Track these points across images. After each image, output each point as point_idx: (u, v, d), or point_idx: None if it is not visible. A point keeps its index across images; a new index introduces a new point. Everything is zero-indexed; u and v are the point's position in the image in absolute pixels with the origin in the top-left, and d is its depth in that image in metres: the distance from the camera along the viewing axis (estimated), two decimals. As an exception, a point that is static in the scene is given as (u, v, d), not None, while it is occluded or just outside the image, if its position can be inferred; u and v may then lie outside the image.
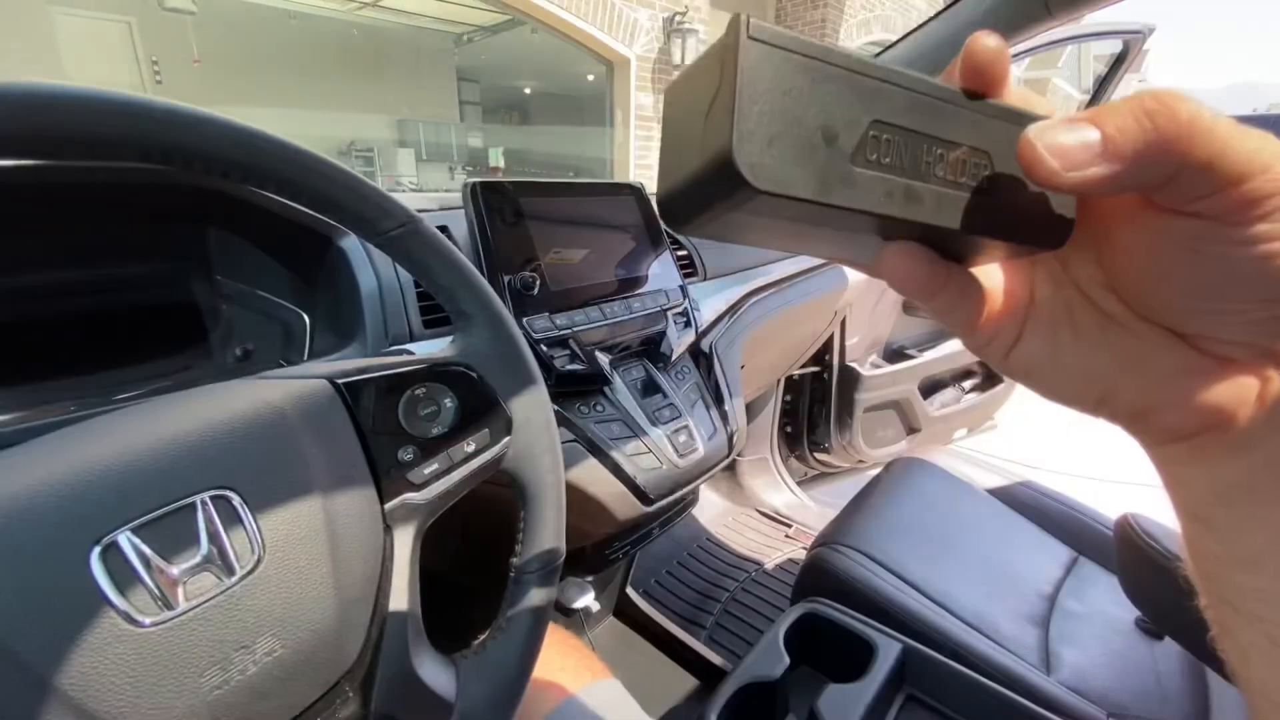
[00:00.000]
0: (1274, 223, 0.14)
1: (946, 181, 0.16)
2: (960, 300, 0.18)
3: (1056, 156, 0.15)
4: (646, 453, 0.68)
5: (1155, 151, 0.14)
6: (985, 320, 0.19)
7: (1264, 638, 0.17)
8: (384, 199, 0.35)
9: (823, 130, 0.14)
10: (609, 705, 0.54)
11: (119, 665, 0.25)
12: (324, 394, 0.34)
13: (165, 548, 0.27)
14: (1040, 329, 0.19)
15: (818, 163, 0.14)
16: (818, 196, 0.14)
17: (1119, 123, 0.14)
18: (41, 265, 0.51)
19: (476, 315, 0.39)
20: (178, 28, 4.70)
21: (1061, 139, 0.15)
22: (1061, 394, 0.19)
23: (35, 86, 0.24)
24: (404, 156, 6.64)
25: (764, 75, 0.13)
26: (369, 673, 0.33)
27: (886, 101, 0.15)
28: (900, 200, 0.15)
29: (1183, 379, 0.17)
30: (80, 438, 0.29)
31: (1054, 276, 0.19)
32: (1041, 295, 0.19)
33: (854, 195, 0.15)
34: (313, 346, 0.61)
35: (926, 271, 0.17)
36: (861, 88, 0.15)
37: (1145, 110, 0.14)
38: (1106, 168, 0.14)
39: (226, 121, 0.29)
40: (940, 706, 0.66)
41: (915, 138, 0.15)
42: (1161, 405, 0.18)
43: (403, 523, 0.36)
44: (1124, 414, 0.18)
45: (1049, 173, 0.15)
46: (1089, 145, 0.14)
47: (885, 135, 0.15)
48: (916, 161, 0.15)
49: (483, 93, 7.65)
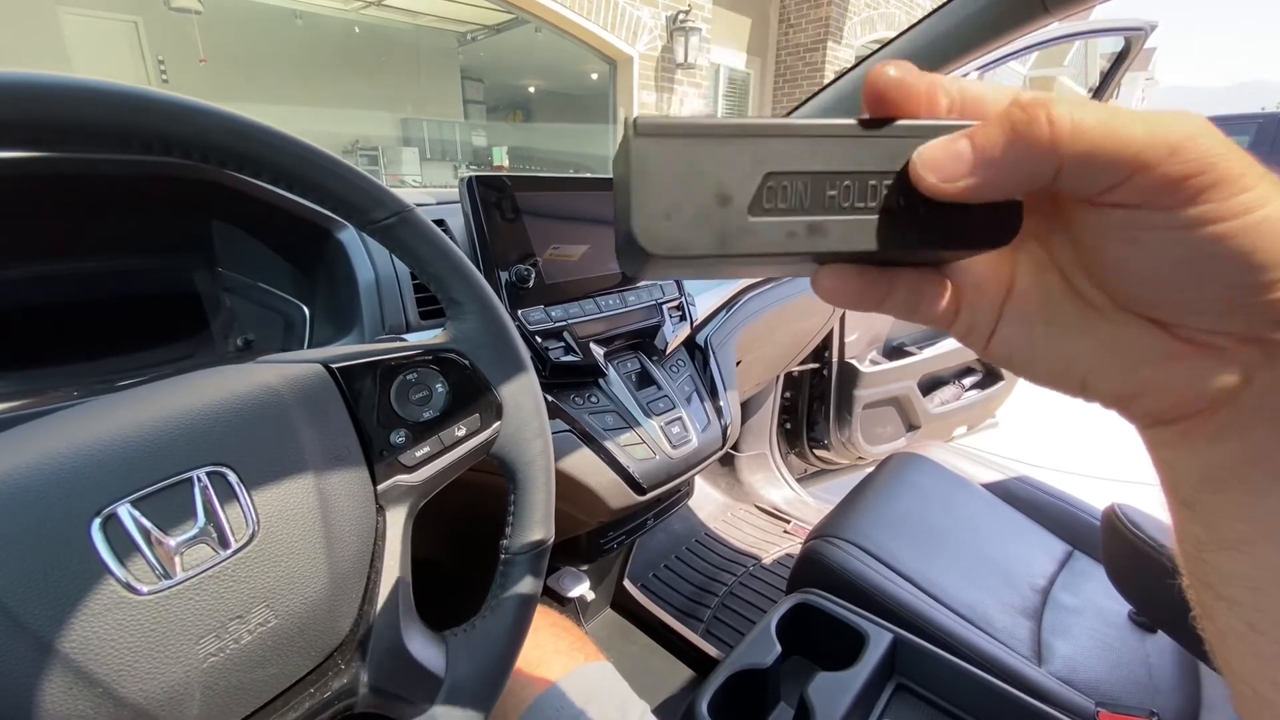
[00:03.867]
0: (1203, 205, 0.14)
1: (857, 209, 0.17)
2: (916, 300, 0.19)
3: (932, 170, 0.16)
4: (640, 443, 0.69)
5: (1021, 155, 0.15)
6: (957, 312, 0.19)
7: (1242, 623, 0.18)
8: (377, 189, 0.36)
9: (716, 194, 0.16)
10: (600, 686, 0.55)
11: (118, 631, 0.26)
12: (318, 377, 0.35)
13: (163, 520, 0.28)
14: (1018, 317, 0.19)
15: (714, 223, 0.16)
16: (715, 251, 0.16)
17: (987, 134, 0.15)
18: (48, 255, 0.52)
19: (467, 303, 0.40)
20: (184, 27, 4.73)
21: (936, 154, 0.16)
22: (1042, 378, 0.19)
23: (36, 77, 0.25)
24: (408, 155, 6.66)
25: (655, 162, 0.16)
26: (361, 646, 0.34)
27: (778, 154, 0.16)
28: (803, 237, 0.17)
29: (1163, 365, 0.17)
30: (83, 415, 0.30)
31: (1037, 262, 0.19)
32: (1022, 283, 0.19)
33: (754, 242, 0.16)
34: (312, 337, 0.63)
35: (858, 286, 0.18)
36: (752, 148, 0.16)
37: (1010, 120, 0.15)
38: (976, 177, 0.15)
39: (223, 112, 0.30)
40: (930, 695, 0.67)
41: (815, 178, 0.17)
42: (1142, 391, 0.18)
43: (395, 504, 0.37)
44: (1105, 398, 0.18)
45: (929, 186, 0.16)
46: (960, 157, 0.16)
47: (784, 183, 0.16)
48: (819, 198, 0.17)
49: (487, 91, 7.66)
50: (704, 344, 0.84)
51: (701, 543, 1.40)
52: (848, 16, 6.07)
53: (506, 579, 0.42)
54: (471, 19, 6.32)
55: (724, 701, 0.62)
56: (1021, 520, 0.97)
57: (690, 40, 5.02)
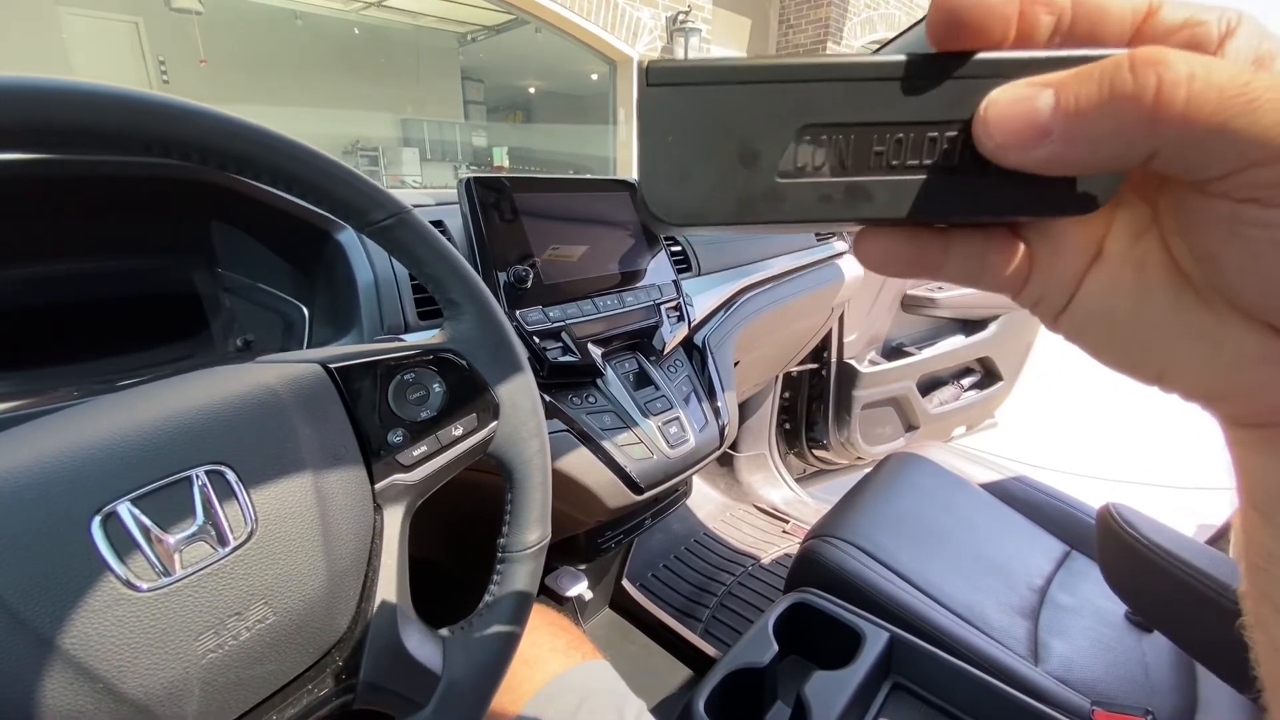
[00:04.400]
0: None
1: (909, 167, 0.14)
2: (979, 269, 0.16)
3: (998, 131, 0.13)
4: (637, 443, 0.69)
5: (1114, 129, 0.12)
6: (1028, 277, 0.16)
7: None
8: (375, 190, 0.36)
9: (741, 151, 0.14)
10: (597, 684, 0.55)
11: (118, 627, 0.26)
12: (316, 377, 0.36)
13: (163, 518, 0.28)
14: (1101, 289, 0.16)
15: (737, 186, 0.14)
16: (736, 219, 0.14)
17: (1078, 89, 0.12)
18: (49, 256, 0.52)
19: (465, 303, 0.40)
20: (184, 28, 4.75)
21: (1006, 109, 0.13)
22: (1114, 362, 0.16)
23: (39, 81, 0.25)
24: (408, 155, 6.68)
25: (668, 117, 0.14)
26: (358, 644, 0.35)
27: (817, 102, 0.14)
28: (841, 202, 0.14)
29: (1261, 368, 0.14)
30: (83, 415, 0.30)
31: (1136, 224, 0.15)
32: (1113, 248, 0.16)
33: (782, 209, 0.14)
34: (311, 338, 0.63)
35: (908, 252, 0.15)
36: (785, 96, 0.14)
37: (1112, 77, 0.12)
38: (1051, 147, 0.12)
39: (222, 115, 0.30)
40: (927, 694, 0.67)
41: (860, 130, 0.14)
42: (1230, 392, 0.15)
43: (392, 503, 0.37)
44: (1188, 393, 0.16)
45: (992, 150, 0.13)
46: (1034, 118, 0.12)
47: (822, 136, 0.14)
48: (863, 155, 0.14)
49: (487, 92, 7.67)
50: (702, 344, 0.85)
51: (700, 542, 1.40)
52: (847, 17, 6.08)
53: (504, 578, 0.42)
54: (472, 20, 6.33)
55: (721, 700, 0.63)
56: (1019, 520, 0.97)
57: (690, 41, 5.03)
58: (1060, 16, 0.13)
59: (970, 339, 1.74)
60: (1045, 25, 0.14)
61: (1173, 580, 0.56)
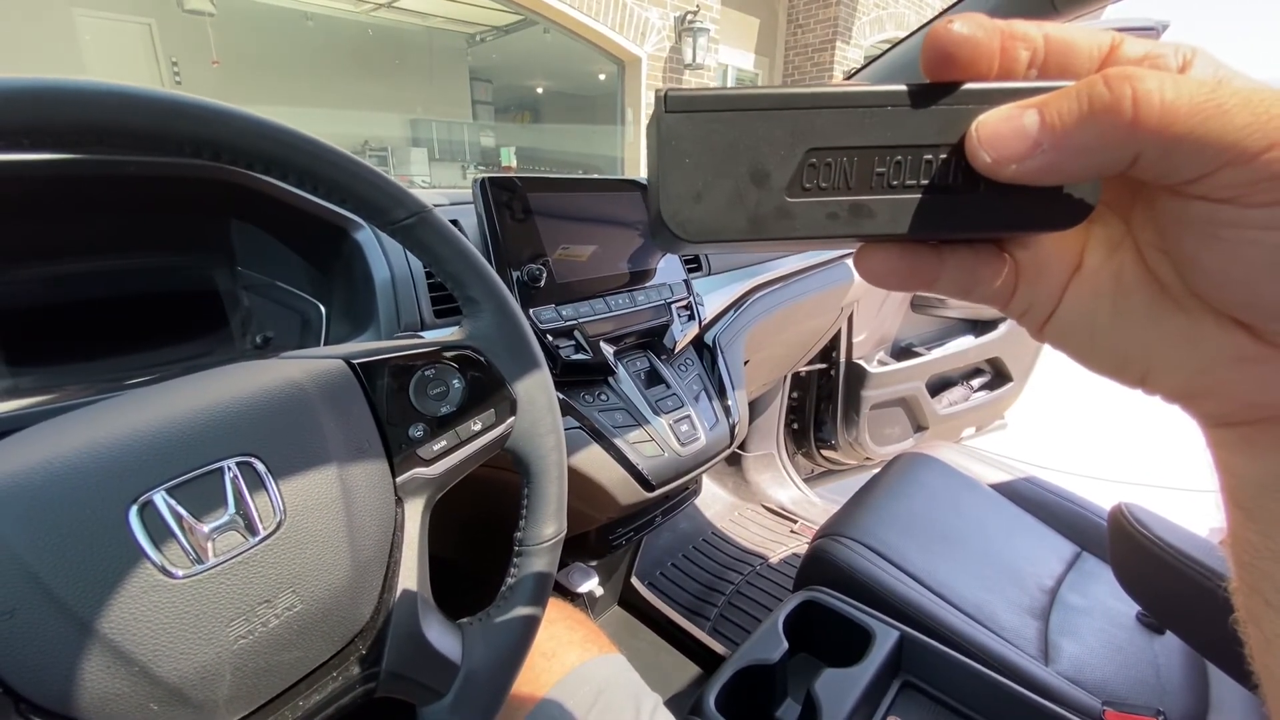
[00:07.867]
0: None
1: (907, 187, 0.15)
2: (971, 281, 0.17)
3: (990, 147, 0.14)
4: (649, 440, 0.70)
5: (1095, 139, 0.13)
6: (1015, 289, 0.17)
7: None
8: (398, 190, 0.37)
9: (751, 174, 0.15)
10: (614, 678, 0.56)
11: (154, 612, 0.27)
12: (340, 372, 0.36)
13: (196, 507, 0.29)
14: (1083, 298, 0.17)
15: (749, 204, 0.15)
16: (748, 236, 0.15)
17: (1060, 107, 0.13)
18: (76, 254, 0.53)
19: (483, 301, 0.41)
20: (197, 29, 4.79)
21: (997, 127, 0.14)
22: (1099, 366, 0.17)
23: (80, 83, 0.26)
24: (417, 155, 6.71)
25: (685, 141, 0.15)
26: (380, 633, 0.35)
27: (820, 128, 0.15)
28: (846, 220, 0.15)
29: (1235, 367, 0.15)
30: (119, 407, 0.31)
31: (1112, 239, 0.17)
32: (1092, 261, 0.17)
33: (791, 226, 0.15)
34: (329, 335, 0.64)
35: (905, 266, 0.17)
36: (791, 122, 0.15)
37: (1090, 94, 0.13)
38: (1040, 159, 0.14)
39: (253, 116, 0.31)
40: (937, 693, 0.67)
41: (863, 153, 0.15)
42: (1209, 391, 0.16)
43: (413, 496, 0.38)
44: (1169, 394, 0.17)
45: (985, 165, 0.14)
46: (1024, 134, 0.14)
47: (827, 159, 0.15)
48: (866, 175, 0.15)
49: (495, 92, 7.70)
50: (712, 343, 0.85)
51: (708, 541, 1.40)
52: (856, 16, 6.05)
53: (521, 570, 0.43)
54: (481, 20, 6.36)
55: (732, 696, 0.63)
56: (1029, 521, 0.97)
57: (698, 41, 5.03)
58: (1035, 52, 0.15)
59: (980, 340, 1.74)
60: (1023, 59, 0.15)
61: (1185, 579, 0.56)
